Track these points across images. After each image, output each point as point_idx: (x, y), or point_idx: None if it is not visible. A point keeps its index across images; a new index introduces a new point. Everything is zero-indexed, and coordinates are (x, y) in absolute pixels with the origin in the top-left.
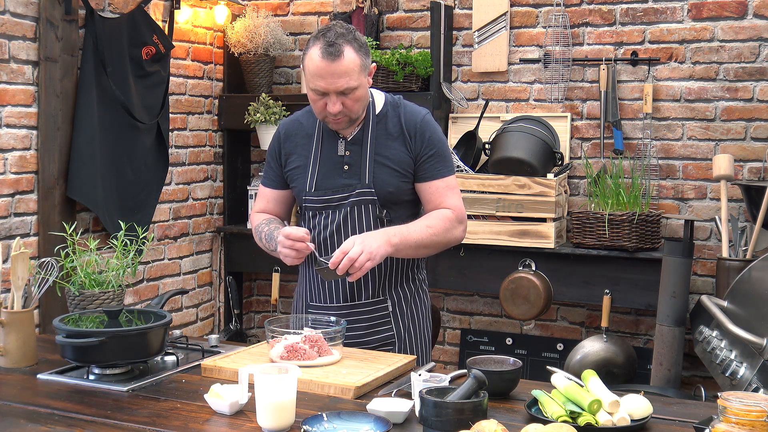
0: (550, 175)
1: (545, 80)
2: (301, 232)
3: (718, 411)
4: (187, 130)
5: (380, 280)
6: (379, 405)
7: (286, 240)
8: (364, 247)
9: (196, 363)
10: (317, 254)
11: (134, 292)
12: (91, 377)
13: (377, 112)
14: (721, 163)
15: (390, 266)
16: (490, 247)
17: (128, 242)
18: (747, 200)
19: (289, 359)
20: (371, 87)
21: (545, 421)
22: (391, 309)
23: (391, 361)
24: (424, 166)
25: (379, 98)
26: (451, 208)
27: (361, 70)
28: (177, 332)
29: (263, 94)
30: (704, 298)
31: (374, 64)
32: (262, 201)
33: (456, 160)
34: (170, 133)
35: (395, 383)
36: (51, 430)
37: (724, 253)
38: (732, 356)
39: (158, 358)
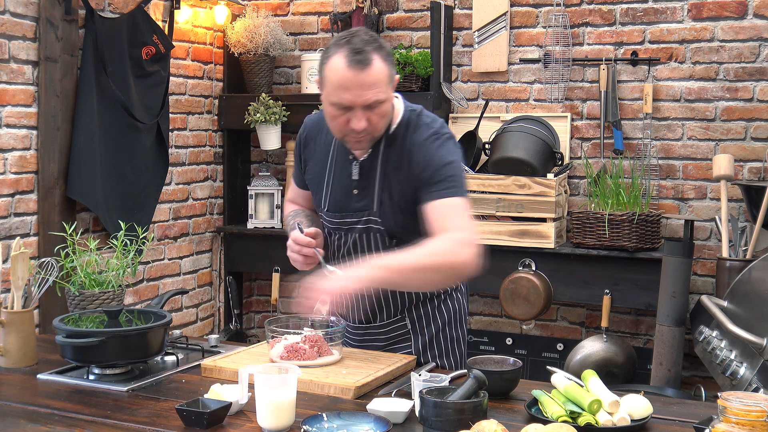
0: (550, 175)
1: (545, 80)
2: (309, 236)
3: (718, 411)
4: (187, 130)
5: (401, 301)
6: (379, 405)
7: (294, 245)
8: (329, 285)
9: (196, 363)
10: (323, 262)
11: (134, 292)
12: (91, 377)
13: (391, 131)
14: (721, 163)
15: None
16: (490, 247)
17: (128, 242)
18: (747, 200)
19: (289, 359)
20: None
21: (545, 421)
22: (410, 326)
23: (391, 361)
24: (424, 188)
25: (398, 112)
26: (453, 230)
27: (389, 81)
28: (177, 332)
29: (263, 94)
30: (704, 298)
31: (398, 75)
32: (293, 193)
33: None
34: (170, 133)
35: (395, 383)
36: (51, 430)
37: (724, 253)
38: (732, 356)
39: (158, 358)
